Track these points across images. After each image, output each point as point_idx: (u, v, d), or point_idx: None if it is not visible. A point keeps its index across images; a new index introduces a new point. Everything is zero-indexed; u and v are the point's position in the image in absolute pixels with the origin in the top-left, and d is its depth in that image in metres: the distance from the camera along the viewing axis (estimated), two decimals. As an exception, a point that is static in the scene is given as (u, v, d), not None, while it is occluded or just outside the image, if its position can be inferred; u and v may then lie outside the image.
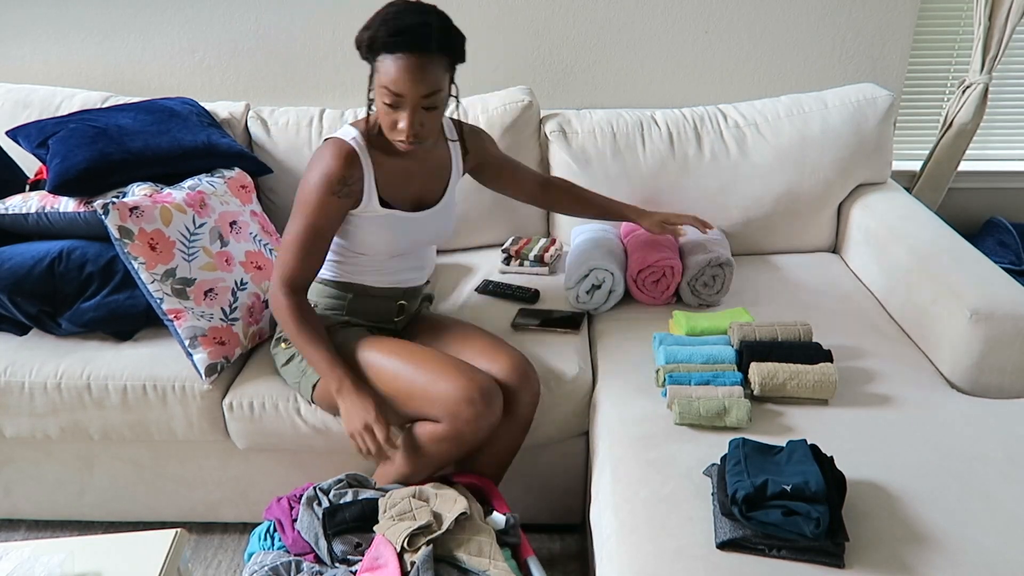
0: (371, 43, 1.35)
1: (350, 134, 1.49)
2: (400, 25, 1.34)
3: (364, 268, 1.59)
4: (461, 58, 1.45)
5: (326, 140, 1.50)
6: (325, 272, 1.61)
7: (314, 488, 1.44)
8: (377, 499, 1.40)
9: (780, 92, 2.26)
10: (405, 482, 1.49)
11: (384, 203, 1.53)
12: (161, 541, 1.27)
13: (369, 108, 1.47)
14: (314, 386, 1.56)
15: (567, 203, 1.89)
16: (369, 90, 1.43)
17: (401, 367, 1.47)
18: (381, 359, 1.49)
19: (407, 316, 1.71)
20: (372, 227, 1.54)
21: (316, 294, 1.61)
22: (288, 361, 1.61)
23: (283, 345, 1.63)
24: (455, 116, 1.79)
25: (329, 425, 1.63)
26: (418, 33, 1.34)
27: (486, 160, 1.75)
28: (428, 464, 1.49)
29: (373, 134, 1.50)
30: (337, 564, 1.33)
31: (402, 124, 1.39)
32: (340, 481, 1.46)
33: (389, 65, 1.35)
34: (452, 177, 1.66)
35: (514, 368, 1.53)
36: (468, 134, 1.69)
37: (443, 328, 1.68)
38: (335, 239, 1.56)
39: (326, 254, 1.52)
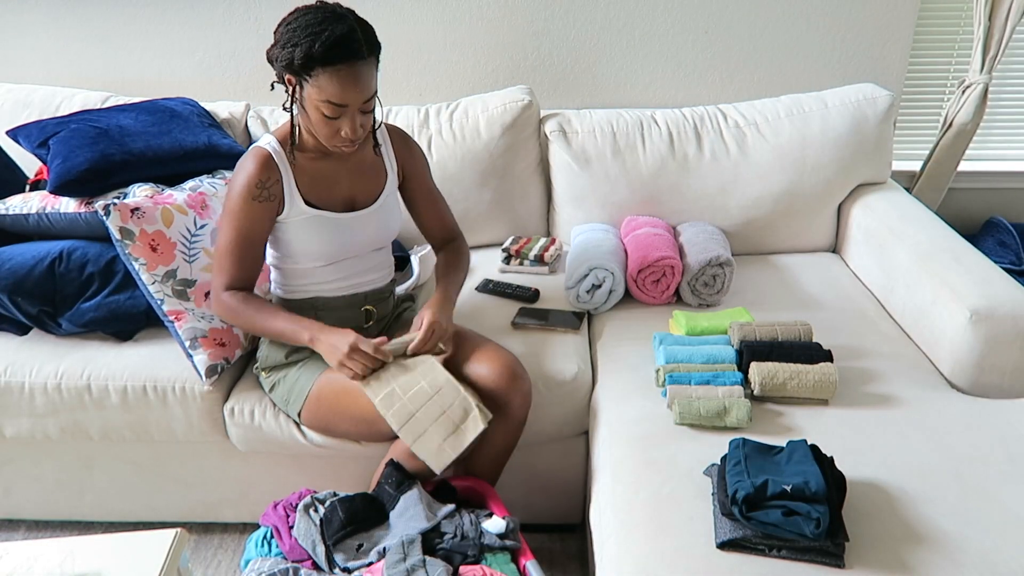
0: (306, 60, 1.32)
1: (267, 141, 1.50)
2: (332, 37, 1.31)
3: (313, 279, 1.57)
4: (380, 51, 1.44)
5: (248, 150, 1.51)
6: (282, 295, 1.61)
7: (311, 496, 1.44)
8: (371, 493, 1.41)
9: (780, 92, 2.27)
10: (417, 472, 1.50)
11: (311, 205, 1.52)
12: (161, 541, 1.27)
13: (294, 122, 1.47)
14: (300, 412, 1.57)
15: (438, 268, 1.72)
16: (292, 104, 1.42)
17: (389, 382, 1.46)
18: (359, 381, 1.47)
19: (382, 321, 1.69)
20: (303, 230, 1.52)
21: None
22: (273, 388, 1.62)
23: (263, 373, 1.64)
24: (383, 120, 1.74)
25: (330, 439, 1.63)
26: (351, 41, 1.33)
27: (412, 175, 1.67)
28: (419, 474, 1.48)
29: (290, 142, 1.50)
30: (337, 570, 1.33)
31: (345, 131, 1.40)
32: (335, 494, 1.46)
33: (329, 78, 1.33)
34: (389, 178, 1.62)
35: (503, 370, 1.51)
36: (397, 137, 1.66)
37: None
38: (278, 257, 1.57)
39: (261, 261, 1.53)
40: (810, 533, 1.10)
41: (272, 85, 1.49)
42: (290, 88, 1.41)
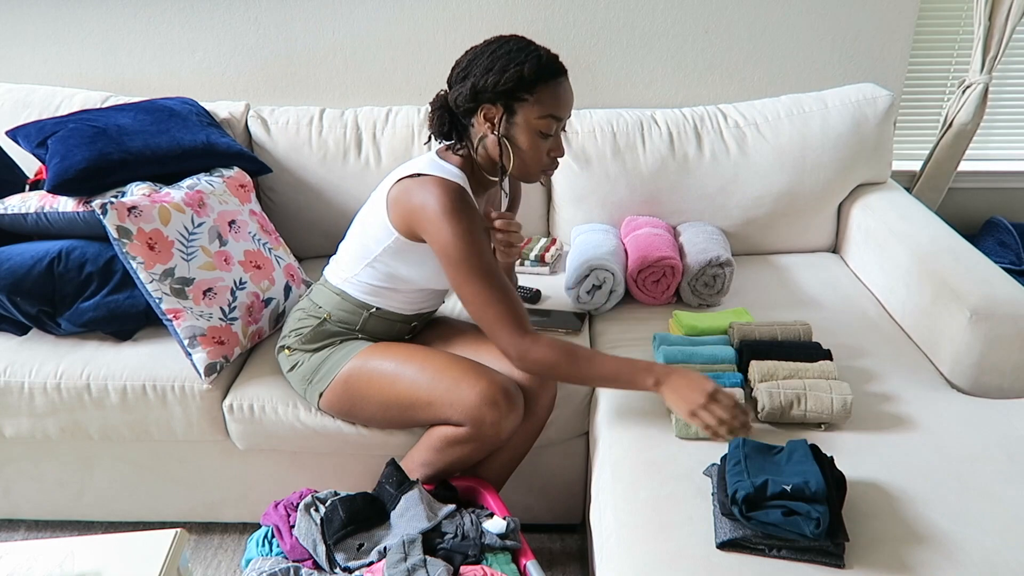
0: (535, 76, 1.33)
1: (453, 174, 1.41)
2: (546, 54, 1.36)
3: (395, 297, 1.55)
4: None
5: (417, 177, 1.40)
6: (349, 288, 1.55)
7: (311, 495, 1.44)
8: (371, 493, 1.41)
9: (780, 92, 2.27)
10: (425, 477, 1.50)
11: None
12: (161, 541, 1.27)
13: (502, 150, 1.40)
14: (321, 394, 1.56)
15: None
16: (498, 135, 1.38)
17: (418, 374, 1.45)
18: (396, 367, 1.47)
19: (416, 330, 1.70)
20: (429, 264, 1.48)
21: (332, 305, 1.56)
22: (292, 368, 1.60)
23: (287, 351, 1.61)
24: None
25: (329, 428, 1.62)
26: (557, 58, 1.38)
27: (512, 201, 1.71)
28: (449, 465, 1.48)
29: (500, 175, 1.46)
30: (338, 570, 1.33)
31: (554, 150, 1.41)
32: (336, 494, 1.46)
33: (552, 92, 1.35)
34: (502, 209, 1.64)
35: None
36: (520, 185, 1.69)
37: (456, 331, 1.68)
38: (381, 264, 1.49)
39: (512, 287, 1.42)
40: (810, 533, 1.10)
41: (429, 138, 1.47)
42: (491, 122, 1.38)
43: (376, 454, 1.63)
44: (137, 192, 1.71)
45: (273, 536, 1.44)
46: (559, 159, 1.44)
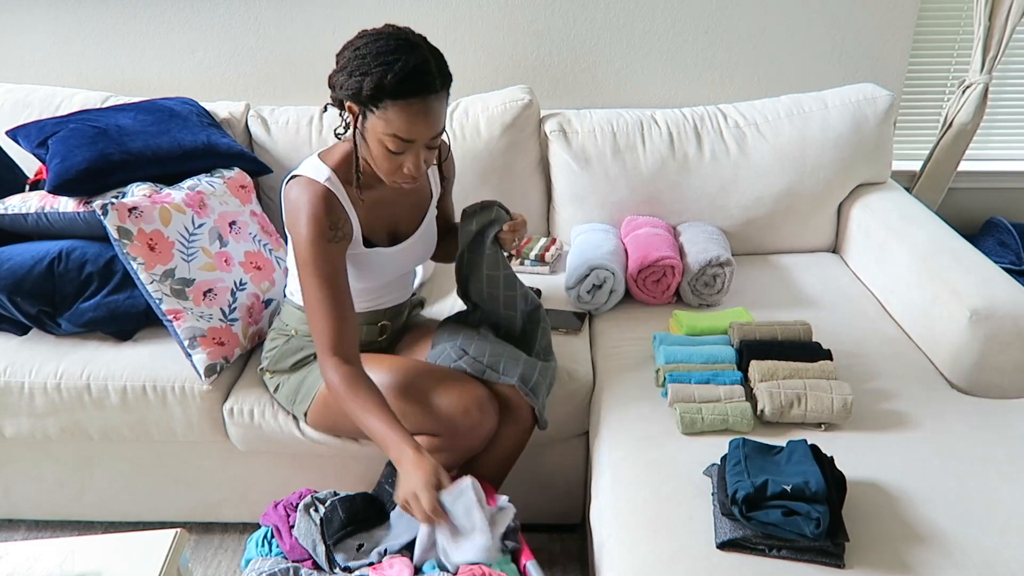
0: (375, 91, 1.23)
1: (323, 174, 1.37)
2: (406, 68, 1.22)
3: None
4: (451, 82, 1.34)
5: (295, 178, 1.39)
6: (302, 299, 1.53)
7: (311, 495, 1.44)
8: (371, 493, 1.41)
9: (780, 92, 2.26)
10: None
11: (367, 242, 1.46)
12: (161, 541, 1.27)
13: (358, 154, 1.35)
14: (306, 412, 1.56)
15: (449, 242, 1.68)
16: (355, 134, 1.33)
17: (393, 386, 1.45)
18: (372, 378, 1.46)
19: (394, 332, 1.68)
20: (353, 265, 1.46)
21: (296, 321, 1.56)
22: (277, 388, 1.61)
23: (268, 374, 1.62)
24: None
25: (329, 438, 1.62)
26: (425, 73, 1.24)
27: (447, 186, 1.64)
28: None
29: (346, 170, 1.40)
30: (337, 570, 1.33)
31: (408, 167, 1.32)
32: (335, 494, 1.46)
33: (399, 112, 1.24)
34: (433, 196, 1.58)
35: None
36: (447, 159, 1.59)
37: (431, 338, 1.67)
38: None
39: (353, 307, 1.39)
40: (810, 533, 1.10)
41: (325, 107, 1.42)
42: (351, 117, 1.32)
43: (375, 455, 1.63)
44: (138, 193, 1.71)
45: (273, 536, 1.44)
46: (416, 176, 1.33)
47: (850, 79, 2.29)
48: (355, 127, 1.32)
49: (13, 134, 1.87)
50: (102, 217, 1.58)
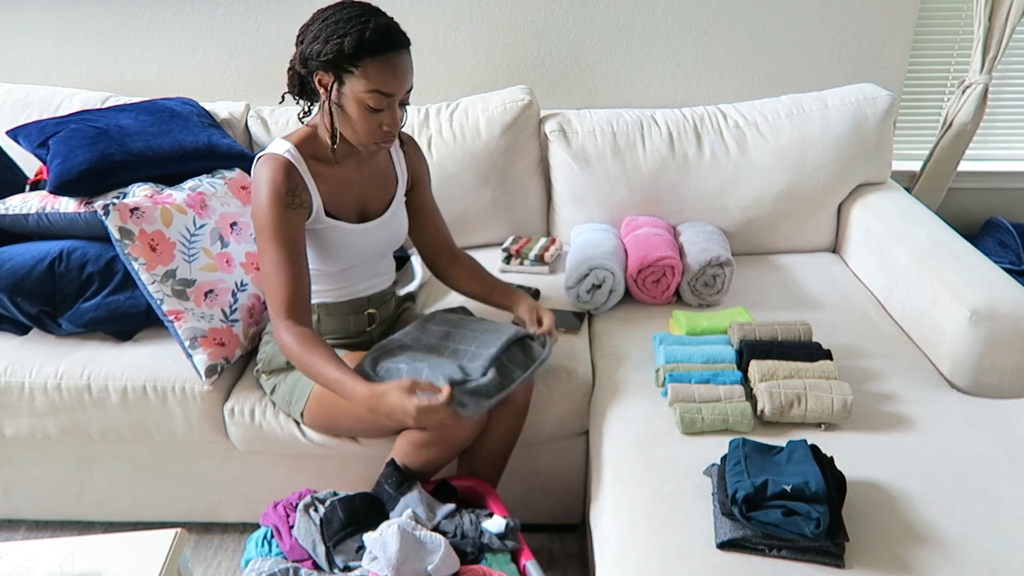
0: (357, 48, 1.30)
1: (283, 147, 1.44)
2: (379, 25, 1.32)
3: (318, 286, 1.56)
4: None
5: (259, 158, 1.44)
6: None
7: (311, 496, 1.44)
8: (371, 493, 1.41)
9: (780, 92, 2.27)
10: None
11: (329, 215, 1.49)
12: (161, 541, 1.27)
13: (332, 121, 1.41)
14: (302, 412, 1.57)
15: (463, 278, 1.71)
16: (330, 106, 1.39)
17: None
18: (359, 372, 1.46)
19: (384, 323, 1.69)
20: (319, 240, 1.50)
21: None
22: (274, 390, 1.61)
23: (264, 376, 1.63)
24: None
25: (329, 439, 1.62)
26: (396, 30, 1.35)
27: (417, 183, 1.66)
28: (421, 467, 1.47)
29: (309, 146, 1.46)
30: (337, 570, 1.33)
31: (387, 124, 1.38)
32: (335, 494, 1.46)
33: (379, 67, 1.32)
34: (399, 184, 1.61)
35: None
36: (408, 140, 1.65)
37: None
38: None
39: (309, 274, 1.45)
40: (810, 533, 1.10)
41: (283, 97, 1.47)
42: (323, 89, 1.38)
43: (375, 455, 1.63)
44: (139, 193, 1.71)
45: (273, 536, 1.44)
46: (393, 132, 1.40)
47: (850, 79, 2.29)
48: (329, 99, 1.38)
49: (13, 134, 1.87)
50: (104, 218, 1.58)
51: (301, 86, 1.43)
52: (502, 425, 1.55)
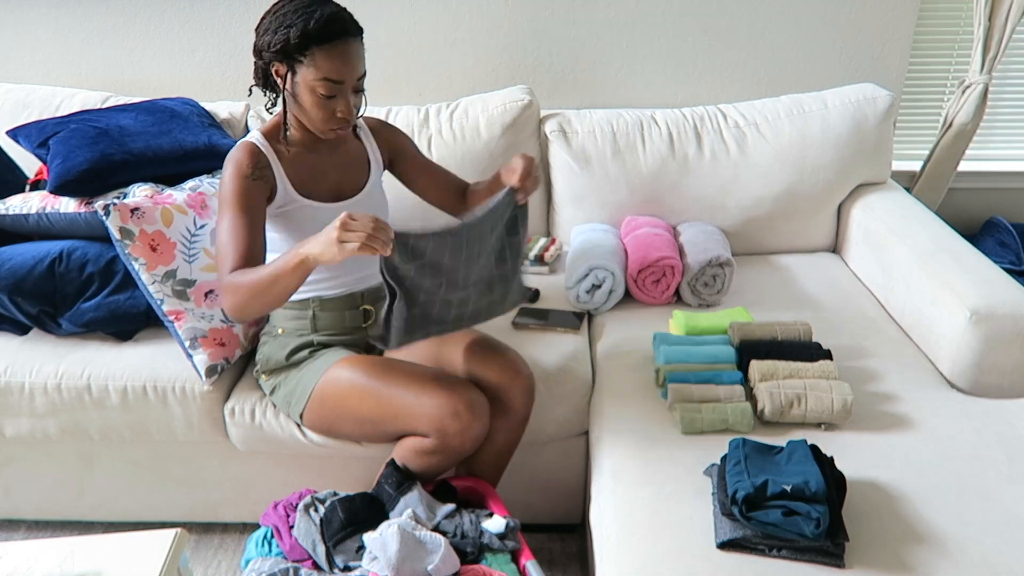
0: (302, 38, 1.34)
1: (253, 136, 1.50)
2: (324, 15, 1.35)
3: (311, 276, 1.52)
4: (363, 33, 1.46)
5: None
6: None
7: (311, 496, 1.44)
8: (370, 493, 1.40)
9: (780, 92, 2.27)
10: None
11: (303, 194, 1.52)
12: (161, 541, 1.27)
13: (285, 111, 1.47)
14: (302, 414, 1.57)
15: (478, 202, 1.62)
16: (285, 96, 1.43)
17: (383, 387, 1.45)
18: (362, 380, 1.47)
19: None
20: (294, 221, 1.51)
21: (280, 319, 1.60)
22: (274, 390, 1.61)
23: (264, 376, 1.63)
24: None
25: (329, 440, 1.62)
26: (343, 19, 1.37)
27: (400, 153, 1.69)
28: (420, 474, 1.47)
29: (276, 135, 1.51)
30: (337, 570, 1.33)
31: (341, 111, 1.41)
32: (335, 494, 1.46)
33: (326, 55, 1.35)
34: (373, 168, 1.63)
35: (505, 365, 1.52)
36: (376, 124, 1.69)
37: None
38: (274, 251, 1.52)
39: (264, 245, 1.43)
40: (810, 533, 1.10)
41: (250, 90, 1.50)
42: (279, 79, 1.42)
43: (375, 455, 1.63)
44: (139, 193, 1.71)
45: (273, 536, 1.44)
46: (348, 119, 1.43)
47: (850, 79, 2.29)
48: (284, 89, 1.42)
49: (14, 134, 1.87)
50: (104, 218, 1.58)
51: (264, 77, 1.46)
52: (502, 435, 1.55)
